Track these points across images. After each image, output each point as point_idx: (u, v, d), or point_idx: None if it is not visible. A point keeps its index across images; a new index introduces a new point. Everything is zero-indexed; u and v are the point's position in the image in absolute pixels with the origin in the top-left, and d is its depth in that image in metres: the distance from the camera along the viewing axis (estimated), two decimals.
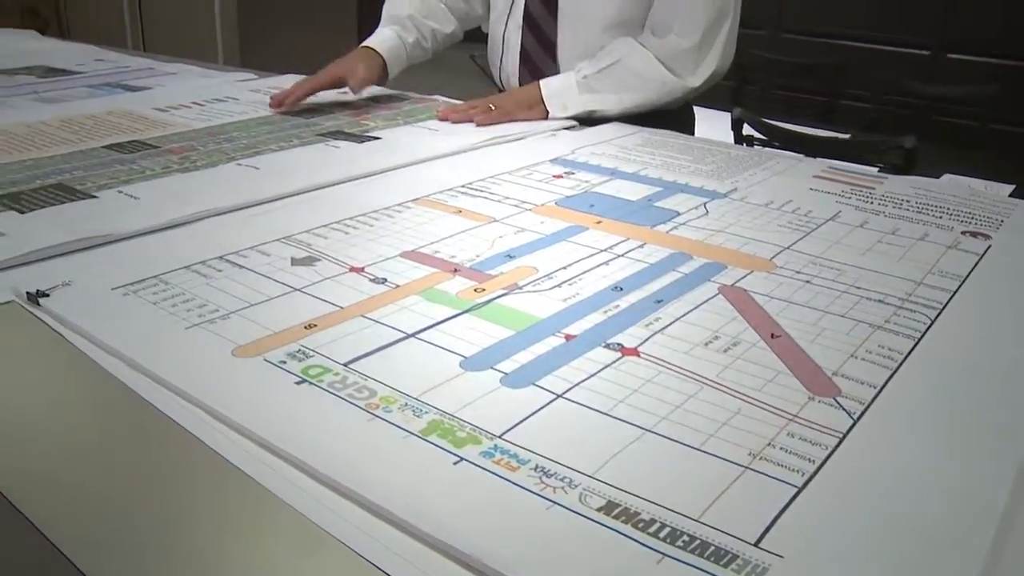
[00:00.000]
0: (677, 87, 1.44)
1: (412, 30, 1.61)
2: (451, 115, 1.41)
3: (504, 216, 0.92)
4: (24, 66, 1.96)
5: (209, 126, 1.34)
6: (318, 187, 1.02)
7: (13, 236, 0.83)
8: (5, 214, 0.90)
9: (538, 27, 1.53)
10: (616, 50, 1.44)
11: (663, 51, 1.42)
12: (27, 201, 0.95)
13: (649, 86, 1.44)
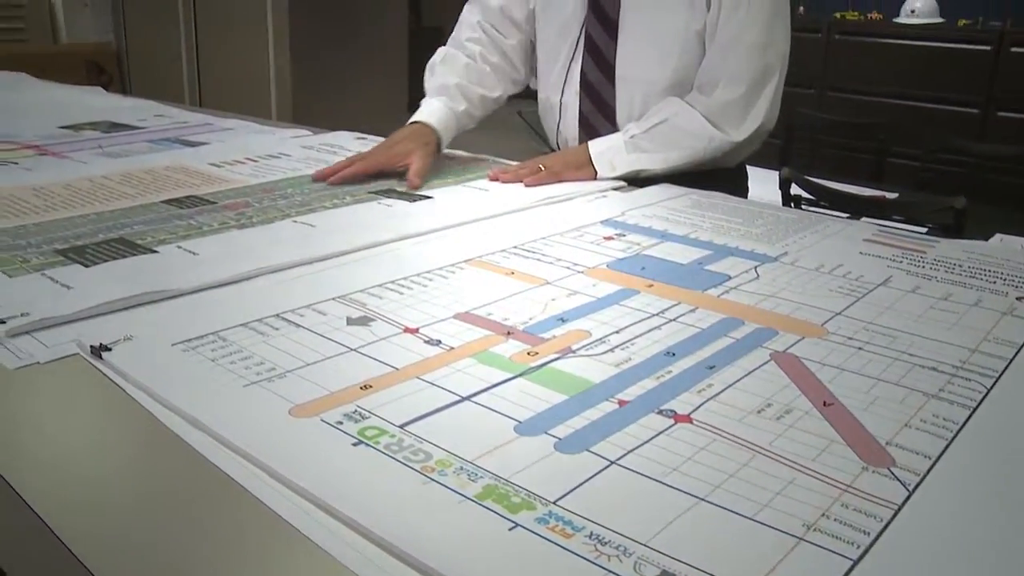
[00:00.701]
0: (724, 143, 1.46)
1: (461, 99, 1.60)
2: (502, 176, 1.43)
3: (556, 278, 0.93)
4: (89, 121, 2.03)
5: (264, 182, 1.37)
6: (372, 245, 1.04)
7: (79, 289, 0.86)
8: (71, 267, 0.93)
9: (596, 92, 1.56)
10: (663, 110, 1.47)
11: (709, 108, 1.45)
12: (91, 255, 0.97)
13: (696, 144, 1.46)
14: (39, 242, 1.03)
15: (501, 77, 1.66)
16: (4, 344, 0.75)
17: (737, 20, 1.43)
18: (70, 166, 1.53)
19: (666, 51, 1.49)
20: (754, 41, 1.44)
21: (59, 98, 2.50)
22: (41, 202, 1.23)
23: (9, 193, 1.28)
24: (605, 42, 1.53)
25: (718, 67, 1.45)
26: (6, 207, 1.20)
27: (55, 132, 1.89)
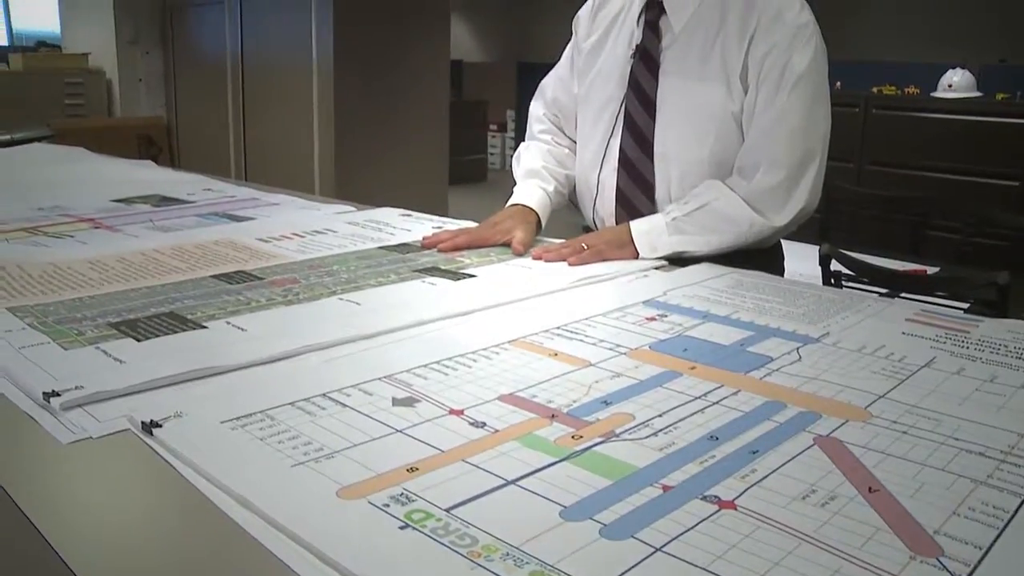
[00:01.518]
0: (765, 228, 1.48)
1: (550, 180, 1.70)
2: (545, 255, 1.45)
3: (599, 360, 0.94)
4: (141, 195, 2.09)
5: (310, 258, 1.40)
6: (417, 324, 1.05)
7: (131, 364, 0.88)
8: (123, 341, 0.96)
9: (635, 169, 1.59)
10: (705, 193, 1.49)
11: (750, 193, 1.47)
12: (143, 329, 1.00)
13: (737, 228, 1.47)
14: (94, 315, 1.06)
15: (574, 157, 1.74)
16: (58, 417, 0.77)
17: (778, 104, 1.45)
18: (123, 239, 1.57)
19: (704, 130, 1.51)
20: (796, 126, 1.46)
21: (113, 172, 2.57)
22: (97, 275, 1.27)
23: (67, 266, 1.32)
24: (644, 120, 1.56)
25: (759, 151, 1.47)
26: (64, 279, 1.24)
27: (109, 205, 1.95)
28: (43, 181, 2.35)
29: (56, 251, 1.45)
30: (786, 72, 1.45)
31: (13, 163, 2.82)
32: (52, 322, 1.03)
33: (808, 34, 1.47)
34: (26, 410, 0.79)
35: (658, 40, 1.55)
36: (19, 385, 0.83)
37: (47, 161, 2.86)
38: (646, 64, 1.56)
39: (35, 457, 0.72)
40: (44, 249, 1.47)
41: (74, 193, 2.12)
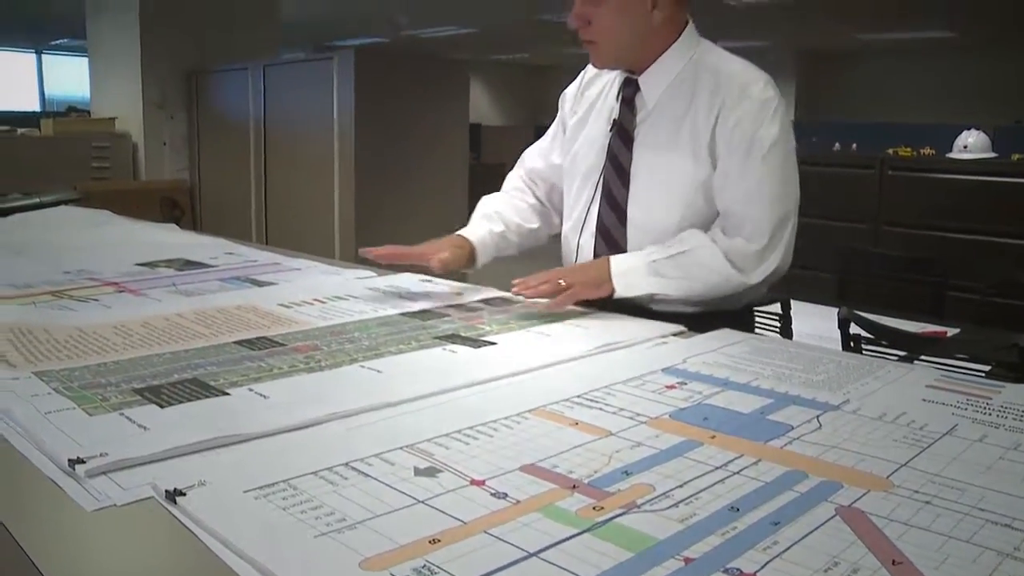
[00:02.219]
0: (740, 284, 1.57)
1: (499, 223, 1.83)
2: (525, 291, 1.53)
3: (619, 429, 0.94)
4: (165, 259, 2.11)
5: (331, 325, 1.41)
6: (438, 392, 1.06)
7: (154, 431, 0.89)
8: (147, 408, 0.97)
9: (610, 234, 1.69)
10: (687, 240, 1.58)
11: (731, 249, 1.56)
12: (166, 395, 1.01)
13: (714, 279, 1.56)
14: (118, 380, 1.07)
15: (539, 214, 1.90)
16: (83, 484, 0.78)
17: (755, 172, 1.55)
18: (147, 303, 1.59)
19: (673, 198, 1.62)
20: (774, 192, 1.57)
21: (137, 235, 2.61)
22: (121, 340, 1.28)
23: (92, 330, 1.34)
24: (619, 190, 1.67)
25: (740, 215, 1.57)
26: (89, 344, 1.25)
27: (133, 269, 1.97)
28: (69, 244, 2.38)
29: (81, 315, 1.47)
30: (756, 143, 1.55)
31: (41, 226, 2.86)
32: (77, 387, 1.04)
33: (773, 107, 1.58)
34: (51, 476, 0.80)
35: (633, 115, 1.67)
36: (45, 451, 0.85)
37: (73, 224, 2.90)
38: (622, 137, 1.67)
39: (59, 523, 0.73)
40: (70, 313, 1.49)
41: (99, 256, 2.15)
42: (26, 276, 1.84)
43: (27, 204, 3.23)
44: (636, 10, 1.58)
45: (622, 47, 1.64)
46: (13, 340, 1.27)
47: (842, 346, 2.47)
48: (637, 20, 1.59)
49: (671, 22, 1.63)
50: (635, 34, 1.61)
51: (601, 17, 1.59)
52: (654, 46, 1.64)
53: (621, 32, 1.61)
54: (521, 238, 1.87)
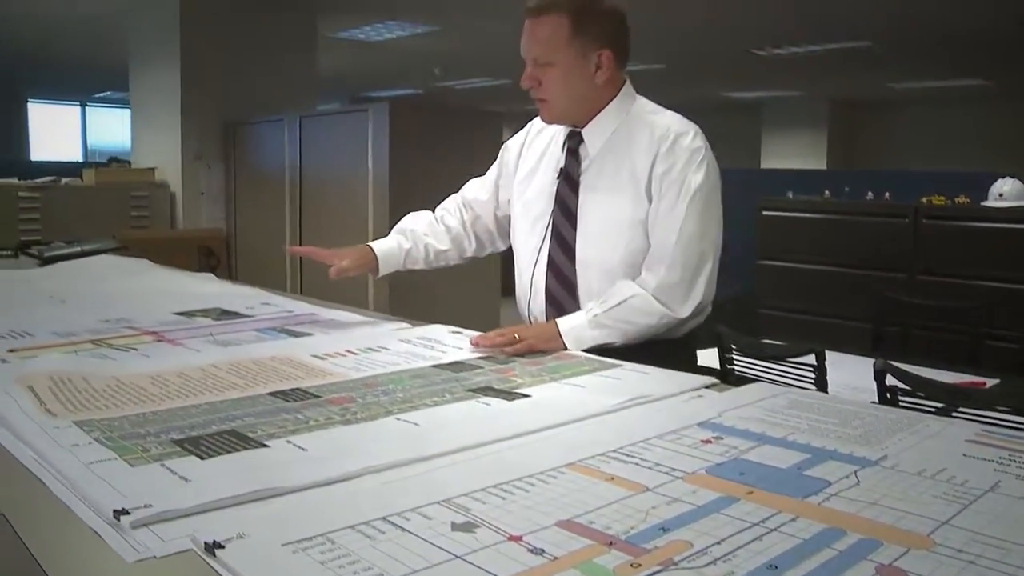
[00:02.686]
0: (671, 320, 1.75)
1: (409, 240, 2.06)
2: (482, 342, 1.65)
3: (656, 485, 0.93)
4: (202, 308, 2.14)
5: (364, 376, 1.42)
6: (475, 446, 1.06)
7: (195, 482, 0.90)
8: (187, 459, 0.98)
9: (561, 273, 1.88)
10: (620, 292, 1.75)
11: (658, 289, 1.74)
12: (206, 447, 1.02)
13: (649, 320, 1.74)
14: (157, 431, 1.09)
15: (453, 238, 2.10)
16: (124, 535, 0.79)
17: (676, 214, 1.74)
18: (184, 353, 1.61)
19: (616, 237, 1.80)
20: (691, 232, 1.74)
21: (175, 284, 2.65)
22: (158, 390, 1.30)
23: (130, 380, 1.36)
24: (568, 230, 1.86)
25: (662, 252, 1.76)
26: (127, 394, 1.27)
27: (171, 318, 2.00)
28: (110, 293, 2.42)
29: (120, 364, 1.49)
30: (683, 188, 1.74)
31: (82, 274, 2.91)
32: (117, 437, 1.06)
33: (700, 157, 1.77)
34: (93, 526, 0.81)
35: (578, 163, 1.87)
36: (89, 502, 0.86)
37: (114, 272, 2.94)
38: (568, 184, 1.87)
39: (100, 574, 0.74)
40: (110, 362, 1.51)
41: (139, 305, 2.18)
42: (68, 324, 1.88)
43: (69, 253, 3.29)
44: (581, 73, 1.78)
45: (569, 105, 1.83)
46: (53, 388, 1.29)
47: (878, 398, 2.44)
48: (582, 81, 1.79)
49: (611, 82, 1.83)
50: (580, 93, 1.81)
51: (550, 79, 1.79)
52: (597, 102, 1.84)
53: (568, 92, 1.81)
54: (429, 256, 2.09)
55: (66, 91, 13.16)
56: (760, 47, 8.58)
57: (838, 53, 8.56)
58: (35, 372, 1.38)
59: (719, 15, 6.98)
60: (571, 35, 1.76)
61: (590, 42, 1.77)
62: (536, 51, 1.79)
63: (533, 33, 1.79)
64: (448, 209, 2.14)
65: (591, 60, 1.78)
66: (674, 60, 9.61)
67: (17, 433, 1.08)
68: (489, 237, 2.12)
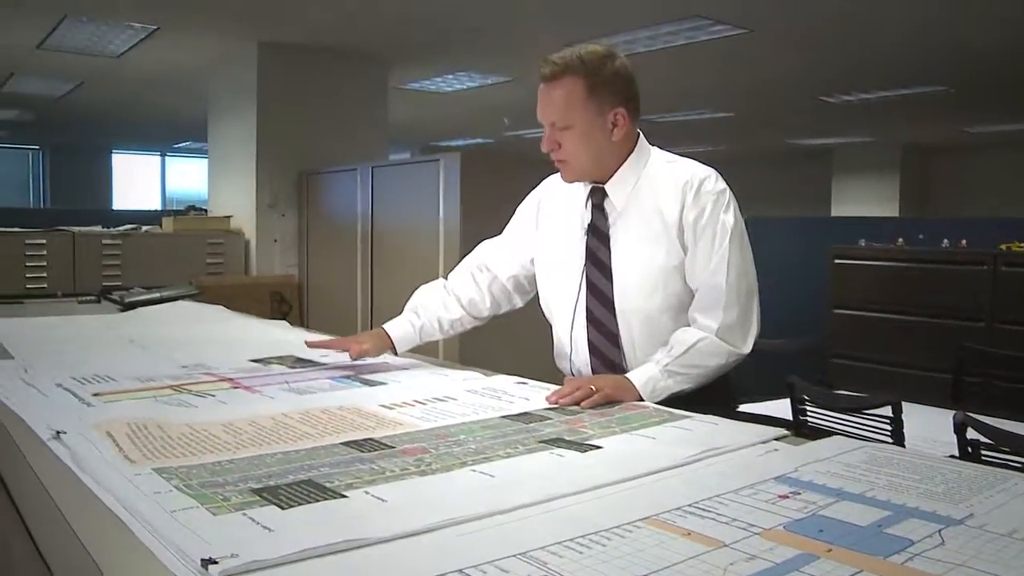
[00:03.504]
0: (738, 357, 1.84)
1: (421, 318, 2.13)
2: (561, 400, 1.65)
3: (733, 540, 0.92)
4: (276, 355, 2.18)
5: (435, 427, 1.44)
6: (550, 499, 1.06)
7: (278, 532, 0.92)
8: (268, 509, 1.00)
9: (602, 325, 1.92)
10: (684, 339, 1.81)
11: (720, 330, 1.81)
12: (285, 497, 1.04)
13: (718, 361, 1.82)
14: (235, 480, 1.11)
15: (466, 305, 2.15)
16: None
17: (719, 256, 1.82)
18: (259, 400, 1.64)
19: (654, 285, 1.86)
20: (738, 270, 1.83)
21: (250, 331, 2.71)
22: (231, 438, 1.33)
23: (202, 427, 1.39)
24: (604, 283, 1.91)
25: (715, 295, 1.82)
26: (202, 442, 1.30)
27: (247, 365, 2.04)
28: (187, 338, 2.49)
29: (194, 412, 1.52)
30: (719, 230, 1.82)
31: (161, 320, 2.99)
32: (197, 485, 1.08)
33: (726, 198, 1.86)
34: (179, 575, 0.83)
35: (605, 218, 1.93)
36: (175, 550, 0.87)
37: (190, 319, 3.03)
38: (598, 237, 1.92)
39: None
40: (188, 409, 1.54)
41: (215, 352, 2.23)
42: (148, 369, 1.93)
43: (149, 299, 3.39)
44: (598, 132, 1.86)
45: (589, 163, 1.90)
46: (131, 435, 1.32)
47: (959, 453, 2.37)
48: (600, 140, 1.86)
49: (627, 137, 1.90)
50: (599, 151, 1.88)
51: (570, 141, 1.86)
52: (615, 158, 1.91)
53: (588, 151, 1.87)
54: (443, 327, 2.15)
55: (148, 142, 13.62)
56: (830, 95, 8.52)
57: (912, 99, 8.45)
58: (113, 419, 1.42)
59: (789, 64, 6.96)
60: (586, 97, 1.83)
61: (605, 101, 1.84)
62: (554, 115, 1.86)
63: (550, 97, 1.87)
64: (461, 275, 2.19)
65: (607, 119, 1.85)
66: (744, 108, 9.59)
67: (100, 480, 1.11)
68: (506, 296, 2.17)
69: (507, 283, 2.15)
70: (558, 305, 2.02)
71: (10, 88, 8.31)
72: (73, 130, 11.81)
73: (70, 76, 7.75)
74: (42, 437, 1.34)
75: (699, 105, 9.46)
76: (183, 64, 7.02)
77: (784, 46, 6.29)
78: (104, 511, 1.01)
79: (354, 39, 6.13)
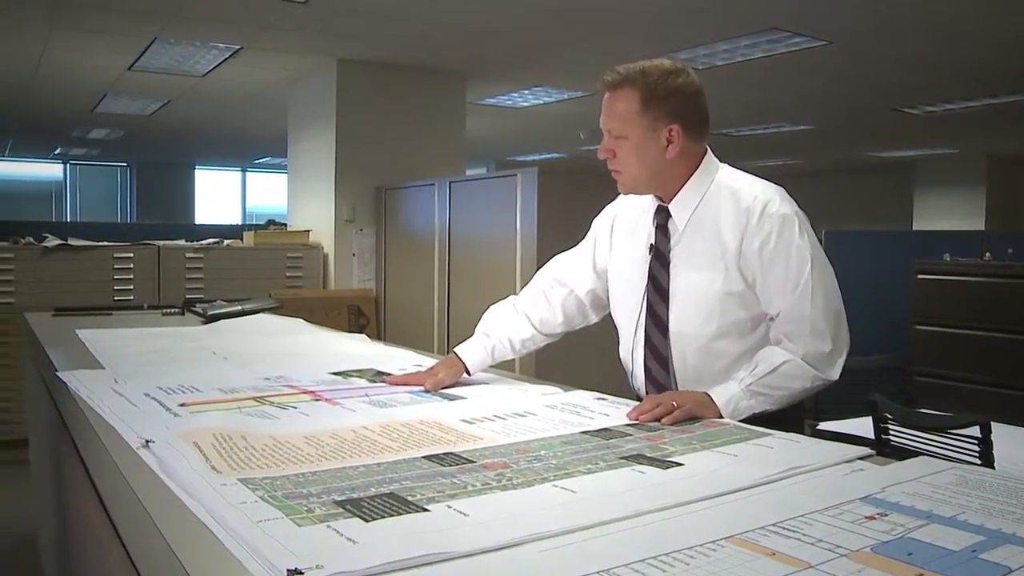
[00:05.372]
0: (824, 382, 1.82)
1: (493, 339, 2.13)
2: (642, 417, 1.64)
3: (819, 562, 0.90)
4: (357, 369, 2.21)
5: (515, 442, 1.44)
6: (633, 515, 1.05)
7: (362, 545, 0.93)
8: (352, 521, 1.01)
9: (656, 349, 1.94)
10: (769, 359, 1.80)
11: (808, 355, 1.79)
12: (368, 509, 1.05)
13: (803, 384, 1.80)
14: (319, 492, 1.12)
15: (537, 323, 2.16)
16: None
17: (802, 285, 1.79)
18: (340, 413, 1.67)
19: (708, 311, 1.85)
20: (826, 295, 1.81)
21: (330, 344, 2.74)
22: (313, 451, 1.34)
23: (285, 439, 1.41)
24: (660, 307, 1.92)
25: (801, 324, 1.80)
26: (284, 453, 1.32)
27: (327, 378, 2.08)
28: (268, 351, 2.53)
29: (278, 423, 1.55)
30: (795, 256, 1.79)
31: (244, 332, 3.06)
32: (281, 496, 1.09)
33: (796, 221, 1.82)
34: None
35: (667, 239, 1.93)
36: (263, 559, 0.89)
37: (270, 331, 3.08)
38: (660, 260, 1.93)
39: None
40: (271, 421, 1.57)
41: (297, 364, 2.27)
42: (232, 381, 1.97)
43: (231, 312, 3.47)
44: (651, 146, 1.85)
45: (641, 176, 1.90)
46: (216, 445, 1.34)
47: None
48: (653, 154, 1.86)
49: (686, 155, 1.88)
50: (652, 166, 1.87)
51: (623, 151, 1.87)
52: (674, 176, 1.90)
53: (640, 165, 1.87)
54: (515, 347, 2.16)
55: (229, 158, 13.97)
56: (912, 106, 8.34)
57: (999, 108, 8.22)
58: (199, 428, 1.45)
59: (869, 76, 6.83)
60: (641, 109, 1.84)
61: (660, 117, 1.84)
62: (611, 123, 1.88)
63: (610, 106, 1.89)
64: (531, 292, 2.20)
65: (661, 134, 1.85)
66: (823, 121, 9.45)
67: (188, 489, 1.13)
68: (580, 311, 2.18)
69: (584, 297, 2.15)
70: (624, 324, 2.05)
71: (103, 108, 8.62)
72: (159, 147, 12.18)
73: (158, 95, 8.00)
74: (132, 446, 1.37)
75: (777, 118, 9.35)
76: (264, 82, 7.19)
77: (865, 57, 6.18)
78: (193, 520, 1.03)
79: (432, 55, 6.21)
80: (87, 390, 1.79)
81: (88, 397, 1.73)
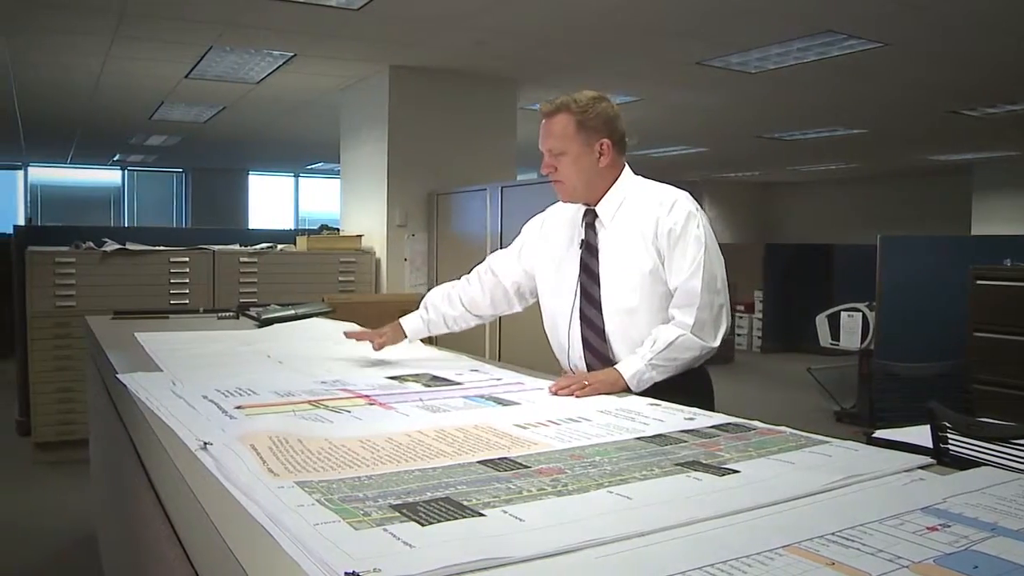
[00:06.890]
0: (709, 351, 2.21)
1: (429, 313, 2.64)
2: (560, 392, 1.99)
3: (880, 572, 0.89)
4: (412, 373, 2.23)
5: (570, 447, 1.44)
6: (689, 523, 1.05)
7: (420, 549, 0.93)
8: (408, 525, 1.01)
9: (593, 323, 2.31)
10: (664, 336, 2.15)
11: (694, 327, 2.16)
12: (424, 513, 1.05)
13: (693, 354, 2.18)
14: (375, 495, 1.13)
15: (467, 303, 2.63)
16: None
17: (695, 263, 2.18)
18: (395, 417, 1.68)
19: (633, 286, 2.25)
20: (711, 274, 2.19)
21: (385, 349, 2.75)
22: (369, 454, 1.36)
23: (340, 443, 1.43)
24: (593, 288, 2.31)
25: (691, 296, 2.18)
26: (340, 457, 1.34)
27: (383, 382, 2.09)
28: (324, 355, 2.56)
29: (334, 427, 1.57)
30: (692, 240, 2.19)
31: (298, 336, 3.09)
32: (338, 500, 1.10)
33: (697, 215, 2.23)
34: None
35: (595, 234, 2.34)
36: (320, 562, 0.90)
37: (323, 335, 3.11)
38: (589, 251, 2.34)
39: None
40: (325, 424, 1.59)
41: (352, 368, 2.30)
42: (287, 384, 2.00)
43: (285, 316, 3.51)
44: (587, 159, 2.27)
45: (580, 185, 2.31)
46: (273, 448, 1.36)
47: None
48: (589, 165, 2.28)
49: (613, 165, 2.31)
50: (588, 175, 2.29)
51: (564, 165, 2.28)
52: (603, 182, 2.32)
53: (579, 175, 2.29)
54: (447, 322, 2.65)
55: (282, 163, 14.16)
56: (970, 108, 8.19)
57: None
58: (255, 431, 1.47)
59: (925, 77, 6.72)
60: (577, 130, 2.25)
61: (592, 134, 2.26)
62: (551, 143, 2.28)
63: (548, 129, 2.29)
64: (469, 277, 2.65)
65: (595, 148, 2.27)
66: (877, 124, 9.31)
67: (246, 491, 1.14)
68: (506, 299, 2.61)
69: (510, 288, 2.58)
70: (555, 310, 2.42)
71: (160, 115, 8.79)
72: (214, 153, 12.38)
73: (213, 102, 8.14)
74: (190, 447, 1.40)
75: (830, 122, 9.23)
76: (317, 88, 7.27)
77: (921, 59, 6.08)
78: (250, 521, 1.05)
79: (484, 61, 6.23)
80: (146, 392, 1.83)
81: (147, 399, 1.76)
